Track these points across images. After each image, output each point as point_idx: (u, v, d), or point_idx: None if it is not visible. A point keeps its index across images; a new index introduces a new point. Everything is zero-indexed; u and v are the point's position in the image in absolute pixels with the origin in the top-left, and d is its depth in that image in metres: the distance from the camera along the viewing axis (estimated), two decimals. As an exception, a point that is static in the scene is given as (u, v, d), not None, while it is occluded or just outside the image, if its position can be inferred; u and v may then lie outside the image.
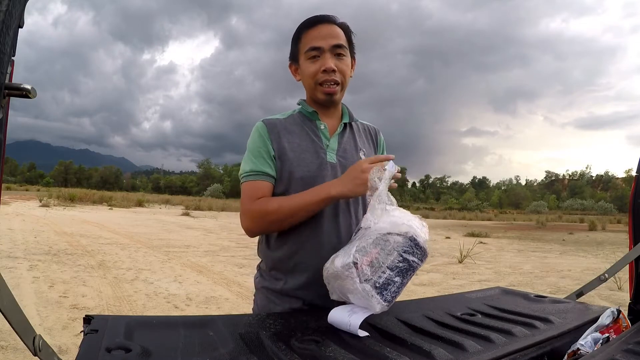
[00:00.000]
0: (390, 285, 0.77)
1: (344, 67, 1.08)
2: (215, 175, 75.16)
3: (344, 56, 1.07)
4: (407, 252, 0.79)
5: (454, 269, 7.14)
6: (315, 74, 1.06)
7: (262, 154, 1.06)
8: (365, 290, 0.76)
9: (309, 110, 1.12)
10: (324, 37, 1.05)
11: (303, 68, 1.09)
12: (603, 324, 0.91)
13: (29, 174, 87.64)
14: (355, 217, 1.12)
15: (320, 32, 1.05)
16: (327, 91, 1.07)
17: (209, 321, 0.82)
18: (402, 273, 0.79)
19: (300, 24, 1.09)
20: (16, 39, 0.53)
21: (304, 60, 1.08)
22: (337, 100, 1.12)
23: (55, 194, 23.83)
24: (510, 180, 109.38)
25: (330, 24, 1.07)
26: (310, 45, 1.05)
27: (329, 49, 1.05)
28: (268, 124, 1.09)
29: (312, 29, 1.06)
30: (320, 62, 1.05)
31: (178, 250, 7.66)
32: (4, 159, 0.56)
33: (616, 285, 5.29)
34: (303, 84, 1.13)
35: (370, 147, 1.20)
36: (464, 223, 25.16)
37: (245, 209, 1.03)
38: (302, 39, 1.08)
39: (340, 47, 1.06)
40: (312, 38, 1.06)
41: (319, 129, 1.12)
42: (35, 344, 0.61)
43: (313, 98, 1.12)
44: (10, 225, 9.50)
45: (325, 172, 1.07)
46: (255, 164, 1.05)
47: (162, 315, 3.21)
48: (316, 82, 1.07)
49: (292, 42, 1.12)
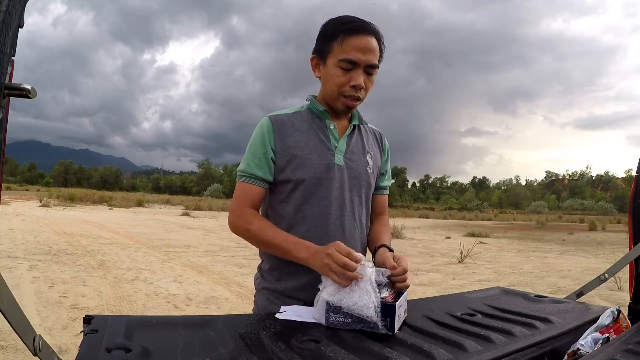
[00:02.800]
0: (341, 319, 0.85)
1: (370, 85, 1.05)
2: (215, 175, 75.16)
3: (373, 74, 1.04)
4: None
5: (454, 269, 7.14)
6: (343, 85, 1.02)
7: (260, 155, 1.05)
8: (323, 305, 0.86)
9: (319, 109, 1.10)
10: (363, 51, 0.99)
11: (330, 72, 1.03)
12: (603, 324, 0.91)
13: (29, 174, 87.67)
14: (359, 220, 1.12)
15: (361, 43, 0.99)
16: (349, 104, 1.05)
17: (209, 321, 0.82)
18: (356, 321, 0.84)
19: (340, 24, 1.02)
20: (16, 39, 0.53)
21: (334, 64, 1.02)
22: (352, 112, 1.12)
23: (55, 194, 23.83)
24: (510, 180, 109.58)
25: (371, 36, 1.01)
26: (347, 56, 0.99)
27: (364, 65, 1.01)
28: (274, 120, 1.07)
29: (354, 37, 1.00)
30: (351, 76, 1.01)
31: (178, 250, 7.66)
32: (4, 159, 0.56)
33: (616, 285, 5.29)
34: (322, 84, 1.09)
35: (377, 151, 1.19)
36: (464, 223, 25.16)
37: (233, 210, 1.06)
38: (342, 43, 1.00)
39: (374, 66, 1.02)
40: (352, 48, 0.99)
41: (329, 129, 1.10)
42: (35, 344, 0.61)
43: (329, 103, 1.09)
44: (10, 225, 9.49)
45: (332, 174, 1.06)
46: (250, 165, 1.05)
47: (162, 315, 3.21)
48: (340, 93, 1.04)
49: (322, 37, 1.05)
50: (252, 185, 1.05)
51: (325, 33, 1.04)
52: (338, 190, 1.07)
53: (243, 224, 1.04)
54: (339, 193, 1.07)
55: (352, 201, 1.09)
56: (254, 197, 1.05)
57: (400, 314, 0.85)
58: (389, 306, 0.81)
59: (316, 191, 1.05)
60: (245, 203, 1.05)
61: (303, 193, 1.05)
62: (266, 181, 1.05)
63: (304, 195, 1.05)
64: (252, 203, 1.05)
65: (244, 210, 1.04)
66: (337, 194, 1.06)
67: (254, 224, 1.02)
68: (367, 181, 1.13)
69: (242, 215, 1.04)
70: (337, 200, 1.06)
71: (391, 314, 0.81)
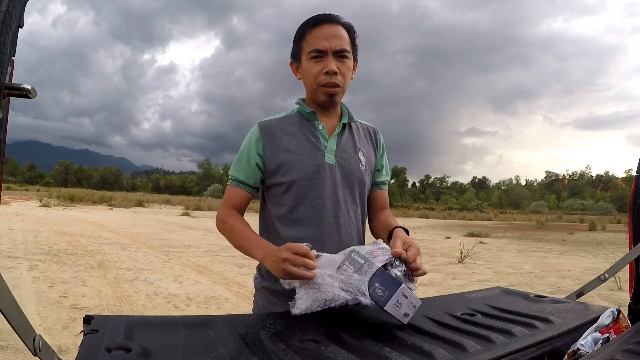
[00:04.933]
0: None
1: (346, 70, 1.07)
2: (215, 175, 75.12)
3: (346, 59, 1.07)
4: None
5: (454, 269, 7.14)
6: (317, 75, 1.06)
7: (246, 161, 1.09)
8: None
9: (307, 111, 1.12)
10: (328, 38, 1.04)
11: (305, 68, 1.08)
12: (603, 324, 0.91)
13: (29, 174, 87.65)
14: (355, 218, 1.12)
15: (325, 32, 1.04)
16: (328, 92, 1.07)
17: (209, 321, 0.82)
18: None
19: (304, 23, 1.08)
20: (16, 39, 0.53)
21: (306, 60, 1.07)
22: (337, 102, 1.12)
23: (55, 194, 23.81)
24: (510, 180, 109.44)
25: (334, 25, 1.06)
26: (313, 46, 1.05)
27: (332, 51, 1.04)
28: (262, 127, 1.10)
29: (316, 28, 1.05)
30: (323, 64, 1.05)
31: (178, 250, 7.66)
32: (4, 159, 0.56)
33: (616, 285, 5.29)
34: (304, 83, 1.13)
35: (370, 148, 1.20)
36: (463, 223, 25.16)
37: (220, 209, 1.14)
38: (306, 38, 1.07)
39: (343, 51, 1.05)
40: (316, 39, 1.04)
41: (317, 130, 1.11)
42: (35, 344, 0.61)
43: (313, 98, 1.11)
44: (10, 225, 9.49)
45: (324, 174, 1.07)
46: (237, 171, 1.11)
47: (162, 315, 3.21)
48: (318, 84, 1.07)
49: (294, 40, 1.11)
50: (236, 188, 1.12)
51: (295, 36, 1.11)
52: (331, 189, 1.07)
53: (220, 223, 1.11)
54: (332, 192, 1.08)
55: (345, 199, 1.10)
56: (236, 199, 1.12)
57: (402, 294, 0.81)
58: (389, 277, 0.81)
59: (309, 192, 1.06)
60: (228, 205, 1.12)
61: (296, 194, 1.06)
62: (250, 186, 1.11)
63: (298, 197, 1.06)
64: (234, 205, 1.12)
65: (225, 211, 1.11)
66: (330, 193, 1.07)
67: (228, 222, 1.09)
68: (360, 178, 1.13)
69: (221, 215, 1.11)
70: (331, 199, 1.07)
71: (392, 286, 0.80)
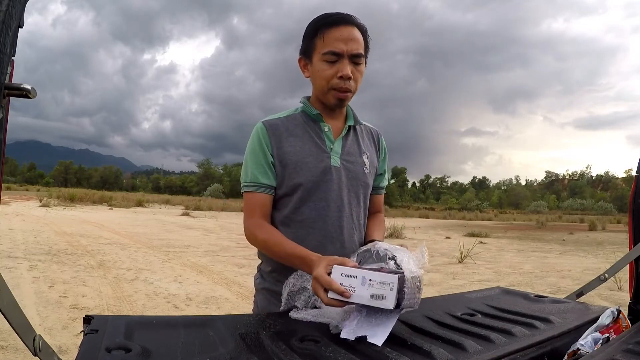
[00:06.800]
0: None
1: (359, 75, 1.05)
2: (215, 175, 75.13)
3: (360, 64, 1.04)
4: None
5: (454, 269, 7.14)
6: (330, 78, 1.02)
7: (260, 161, 1.05)
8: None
9: (313, 112, 1.09)
10: (345, 41, 1.00)
11: (317, 68, 1.04)
12: (603, 324, 0.91)
13: (29, 174, 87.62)
14: (357, 222, 1.11)
15: (342, 34, 1.00)
16: (340, 97, 1.04)
17: (209, 321, 0.82)
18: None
19: (319, 20, 1.03)
20: (16, 39, 0.53)
21: (319, 60, 1.03)
22: (345, 105, 1.11)
23: (55, 194, 23.82)
24: (510, 180, 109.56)
25: (352, 27, 1.02)
26: (329, 48, 1.00)
27: (348, 55, 1.01)
28: (268, 126, 1.07)
29: (333, 29, 1.00)
30: (337, 67, 1.01)
31: (178, 250, 7.66)
32: (4, 159, 0.56)
33: (616, 285, 5.29)
34: (312, 82, 1.09)
35: (373, 151, 1.19)
36: (464, 223, 25.15)
37: (244, 220, 1.07)
38: (322, 38, 1.01)
39: (359, 55, 1.02)
40: (333, 40, 1.00)
41: (323, 131, 1.09)
42: (35, 344, 0.61)
43: (322, 99, 1.08)
44: (10, 225, 9.49)
45: (329, 176, 1.06)
46: (253, 174, 1.05)
47: (162, 315, 3.21)
48: (330, 87, 1.03)
49: (306, 36, 1.06)
50: (257, 193, 1.05)
51: (308, 32, 1.05)
52: (336, 192, 1.06)
53: (251, 238, 1.05)
54: (337, 195, 1.06)
55: (350, 202, 1.09)
56: (260, 205, 1.05)
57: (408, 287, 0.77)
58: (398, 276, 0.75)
59: (314, 194, 1.05)
60: (254, 214, 1.05)
61: (301, 196, 1.05)
62: (271, 187, 1.06)
63: (302, 199, 1.05)
64: (260, 212, 1.05)
65: (252, 221, 1.05)
66: (335, 195, 1.06)
67: (262, 232, 1.03)
68: (365, 182, 1.12)
69: (249, 227, 1.05)
70: (335, 202, 1.06)
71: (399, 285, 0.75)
